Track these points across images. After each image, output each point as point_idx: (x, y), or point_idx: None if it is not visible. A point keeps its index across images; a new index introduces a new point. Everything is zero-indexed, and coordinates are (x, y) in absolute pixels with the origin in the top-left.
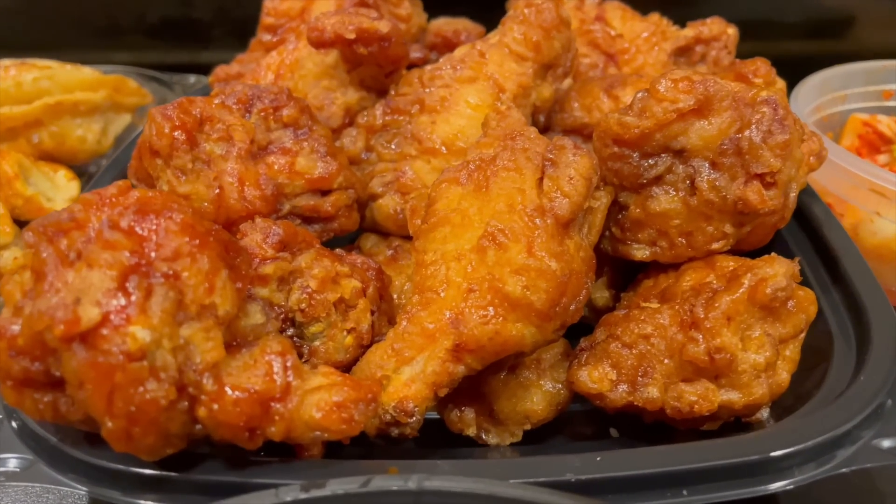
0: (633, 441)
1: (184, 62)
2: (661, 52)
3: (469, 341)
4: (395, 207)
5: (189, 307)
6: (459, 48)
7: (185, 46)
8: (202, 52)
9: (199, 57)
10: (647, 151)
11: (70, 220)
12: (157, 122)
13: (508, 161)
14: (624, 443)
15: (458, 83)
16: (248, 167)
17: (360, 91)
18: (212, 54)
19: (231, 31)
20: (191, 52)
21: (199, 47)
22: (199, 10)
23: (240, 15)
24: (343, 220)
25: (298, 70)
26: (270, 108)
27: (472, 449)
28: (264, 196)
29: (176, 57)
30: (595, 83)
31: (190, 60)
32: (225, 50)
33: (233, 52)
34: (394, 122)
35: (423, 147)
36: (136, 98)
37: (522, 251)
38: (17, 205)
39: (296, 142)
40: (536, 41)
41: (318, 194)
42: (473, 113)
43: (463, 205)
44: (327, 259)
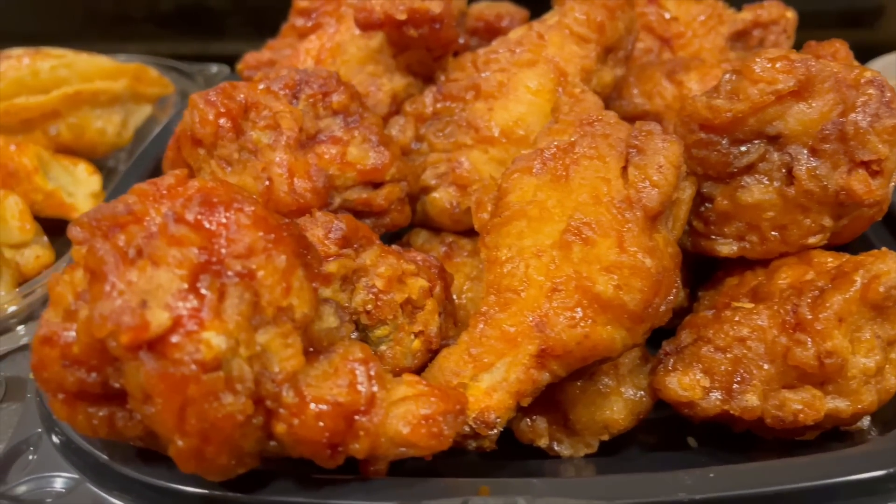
0: (715, 451)
1: (196, 53)
2: (717, 37)
3: (556, 346)
4: (450, 201)
5: (265, 310)
6: (514, 30)
7: (198, 37)
8: (216, 43)
9: (213, 48)
10: (739, 138)
11: (127, 213)
12: (200, 109)
13: (589, 148)
14: (707, 453)
15: (517, 67)
16: (298, 157)
17: (407, 77)
18: (226, 45)
19: (247, 21)
20: (204, 42)
21: (213, 37)
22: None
23: (256, 4)
24: (395, 214)
25: (340, 55)
26: (319, 93)
27: (542, 461)
28: (315, 189)
29: (189, 47)
30: (655, 68)
31: (203, 51)
32: (240, 41)
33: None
34: (446, 110)
35: (479, 136)
36: (158, 88)
37: (613, 247)
38: (36, 200)
39: (346, 130)
40: (600, 21)
41: (369, 187)
42: (534, 99)
43: (539, 196)
44: (392, 256)
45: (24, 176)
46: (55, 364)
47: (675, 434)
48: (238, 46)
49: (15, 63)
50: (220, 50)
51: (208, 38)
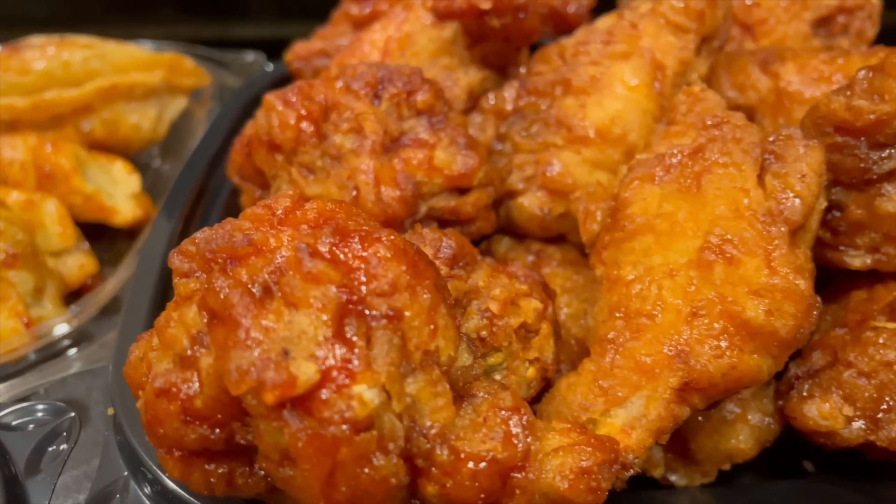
0: (834, 477)
1: (218, 36)
2: (801, 23)
3: (700, 378)
4: (540, 207)
5: (413, 355)
6: (601, 19)
7: (219, 19)
8: (238, 25)
9: (235, 30)
10: (879, 142)
11: (248, 245)
12: (280, 112)
13: (722, 155)
14: (829, 481)
15: (610, 60)
16: (384, 163)
17: (483, 70)
18: (249, 27)
19: (269, 3)
20: (225, 24)
21: (234, 20)
22: None
23: None
24: (482, 222)
25: (410, 47)
26: (403, 92)
27: (654, 492)
28: (403, 197)
29: (210, 31)
30: (746, 58)
31: (224, 34)
32: (263, 23)
33: (272, 24)
34: (530, 106)
35: (572, 135)
36: (194, 79)
37: (761, 267)
38: (75, 203)
39: (432, 132)
40: (700, 10)
41: (455, 193)
42: (630, 94)
43: (667, 208)
44: (504, 276)
45: (61, 178)
46: (174, 420)
47: (790, 458)
48: (261, 29)
49: (39, 53)
50: (242, 33)
51: (230, 20)
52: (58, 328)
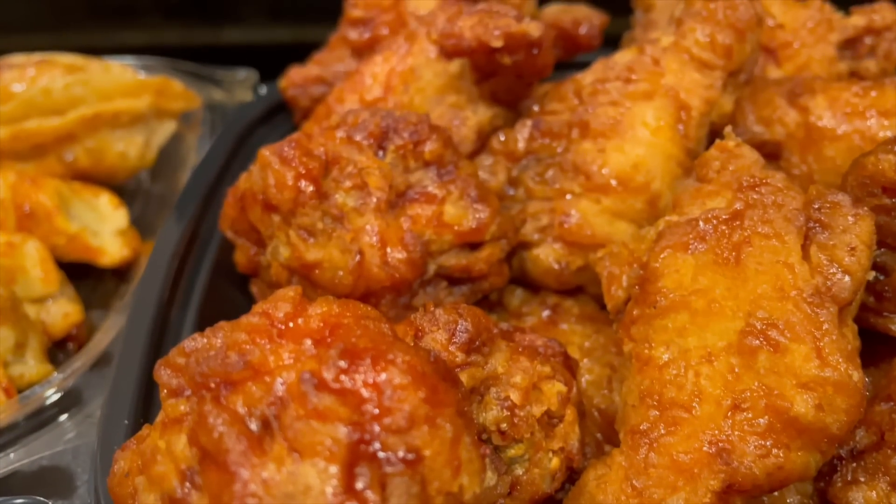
0: None
1: (209, 42)
2: (826, 46)
3: (744, 481)
4: (557, 260)
5: (433, 500)
6: (620, 53)
7: (210, 24)
8: (229, 30)
9: (226, 35)
10: None
11: (244, 368)
12: (276, 170)
13: (762, 224)
14: None
15: (631, 100)
16: (390, 222)
17: (493, 107)
18: (241, 32)
19: (261, 8)
20: (216, 30)
21: (226, 25)
22: None
23: None
24: (495, 277)
25: (414, 82)
26: (410, 143)
27: None
28: (411, 260)
29: (201, 36)
30: (772, 89)
31: (215, 40)
32: (255, 28)
33: (264, 29)
34: (544, 149)
35: (590, 183)
36: (183, 102)
37: (810, 355)
38: (58, 244)
39: (440, 184)
40: (727, 45)
41: (466, 248)
42: (653, 138)
43: (702, 282)
44: (525, 359)
45: (43, 217)
46: None
47: None
48: (253, 34)
49: (18, 75)
50: (233, 38)
51: (221, 25)
52: (50, 395)
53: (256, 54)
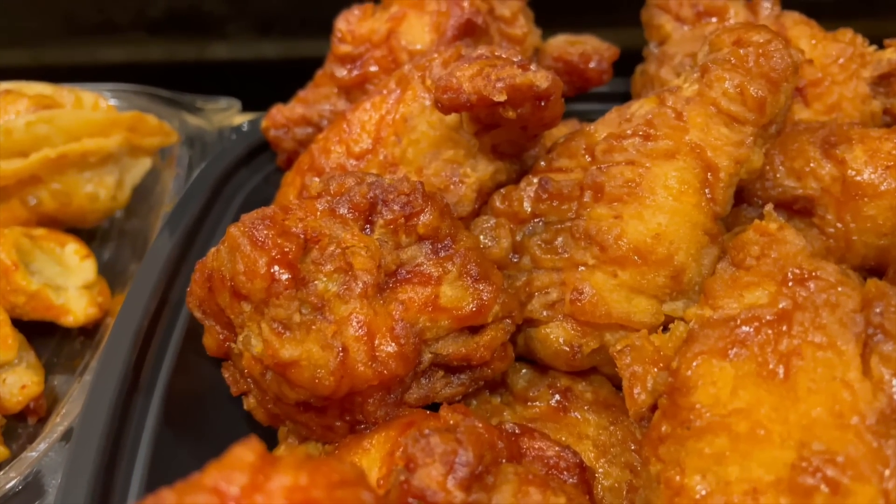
0: None
1: (194, 58)
2: (859, 83)
3: None
4: (568, 342)
5: None
6: (638, 103)
7: (195, 40)
8: (215, 45)
9: (211, 51)
10: None
11: None
12: (246, 255)
13: (814, 329)
14: None
15: (650, 159)
16: (378, 310)
17: (494, 161)
18: (226, 47)
19: (248, 26)
20: (201, 45)
21: (211, 41)
22: (210, 1)
23: (259, 8)
24: (498, 363)
25: (407, 133)
26: (401, 215)
27: None
28: (403, 354)
29: (185, 52)
30: (804, 138)
31: (200, 55)
32: (242, 44)
33: (250, 45)
34: (553, 211)
35: (606, 255)
36: (158, 138)
37: (877, 500)
38: (17, 303)
39: (436, 262)
40: (760, 98)
41: (466, 332)
42: (676, 204)
43: (744, 399)
44: (535, 489)
45: (0, 274)
46: None
47: None
48: (239, 49)
49: None
50: (218, 54)
51: (206, 41)
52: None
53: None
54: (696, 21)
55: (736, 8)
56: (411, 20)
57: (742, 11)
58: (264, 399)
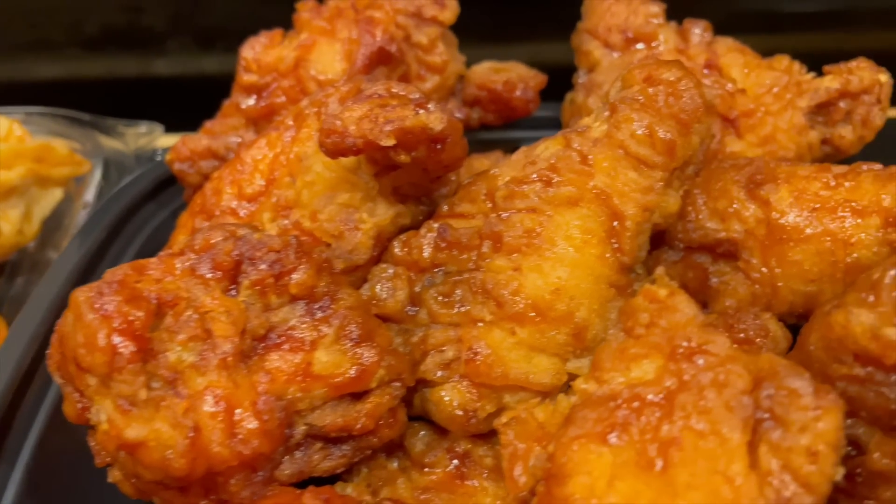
0: None
1: (138, 74)
2: (795, 113)
3: None
4: (462, 405)
5: None
6: (544, 143)
7: (138, 54)
8: (159, 60)
9: (156, 66)
10: None
11: None
12: (86, 325)
13: (697, 413)
14: None
15: (552, 207)
16: (240, 381)
17: (396, 205)
18: (167, 63)
19: (189, 42)
20: (145, 59)
21: (150, 57)
22: (149, 17)
23: (201, 23)
24: (386, 430)
25: (302, 174)
26: (269, 275)
27: None
28: (266, 431)
29: (127, 68)
30: (729, 176)
31: (144, 71)
32: (184, 58)
33: (194, 59)
34: (453, 261)
35: (504, 312)
36: (68, 168)
37: None
38: None
39: (311, 325)
40: (669, 140)
41: (348, 399)
42: (578, 256)
43: (621, 492)
44: None
45: None
46: None
47: None
48: (184, 64)
49: None
50: (162, 69)
51: (146, 57)
52: None
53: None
54: (625, 48)
55: (666, 34)
56: (322, 48)
57: (673, 38)
58: (127, 473)
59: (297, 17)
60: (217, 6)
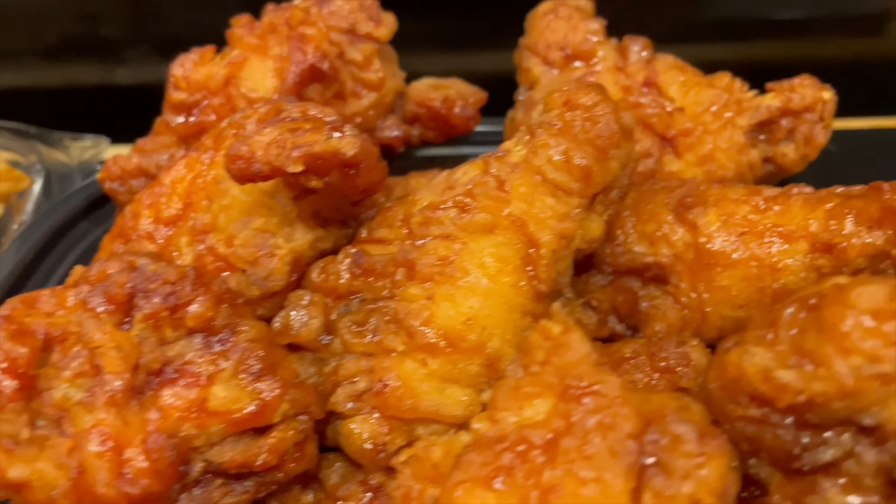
0: None
1: (99, 82)
2: (735, 132)
3: None
4: (373, 438)
5: None
6: (462, 169)
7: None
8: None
9: (117, 75)
10: (812, 422)
11: None
12: None
13: (580, 459)
14: None
15: (467, 233)
16: (130, 419)
17: (315, 229)
18: (128, 72)
19: (149, 50)
20: (108, 67)
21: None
22: (107, 26)
23: (160, 32)
24: (293, 464)
25: (219, 198)
26: (163, 308)
27: None
28: (156, 469)
29: (88, 76)
30: (658, 199)
31: (107, 79)
32: (144, 66)
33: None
34: (368, 288)
35: (415, 342)
36: (7, 184)
37: None
38: None
39: (209, 359)
40: (585, 167)
41: (250, 434)
42: (491, 286)
43: None
44: None
45: None
46: None
47: None
48: (147, 72)
49: None
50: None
51: (105, 66)
52: None
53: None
54: (564, 65)
55: (606, 51)
56: (253, 65)
57: (612, 55)
58: None
59: (231, 33)
60: (176, 15)
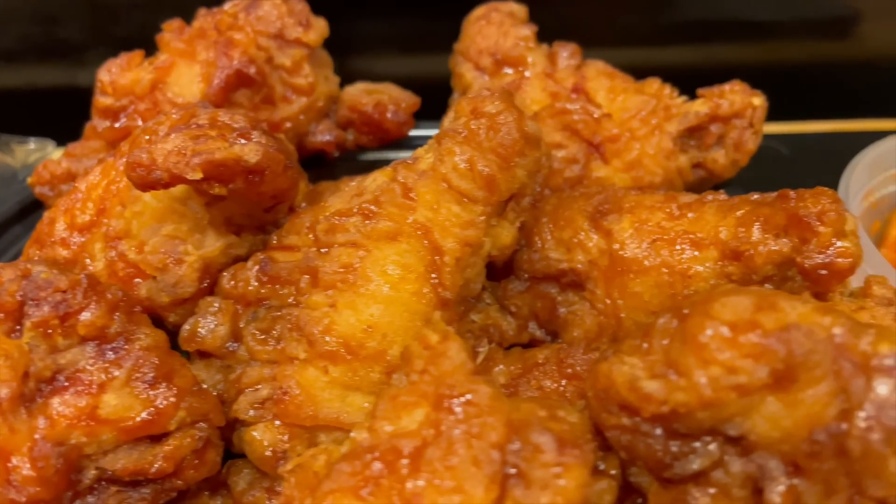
0: None
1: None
2: (663, 137)
3: None
4: (273, 446)
5: None
6: (372, 176)
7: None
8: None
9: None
10: (680, 431)
11: None
12: None
13: (443, 469)
14: None
15: (371, 240)
16: (17, 427)
17: (227, 235)
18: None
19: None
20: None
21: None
22: (66, 28)
23: (120, 34)
24: (192, 472)
25: (132, 203)
26: (54, 316)
27: None
28: (43, 477)
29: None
30: (576, 206)
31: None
32: None
33: None
34: (275, 296)
35: (315, 350)
36: None
37: None
38: None
39: (101, 367)
40: (489, 175)
41: (145, 442)
42: (393, 293)
43: None
44: None
45: None
46: None
47: None
48: None
49: None
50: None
51: (70, 66)
52: None
53: None
54: (495, 71)
55: (535, 57)
56: (180, 70)
57: (541, 62)
58: None
59: (160, 37)
60: (135, 17)
